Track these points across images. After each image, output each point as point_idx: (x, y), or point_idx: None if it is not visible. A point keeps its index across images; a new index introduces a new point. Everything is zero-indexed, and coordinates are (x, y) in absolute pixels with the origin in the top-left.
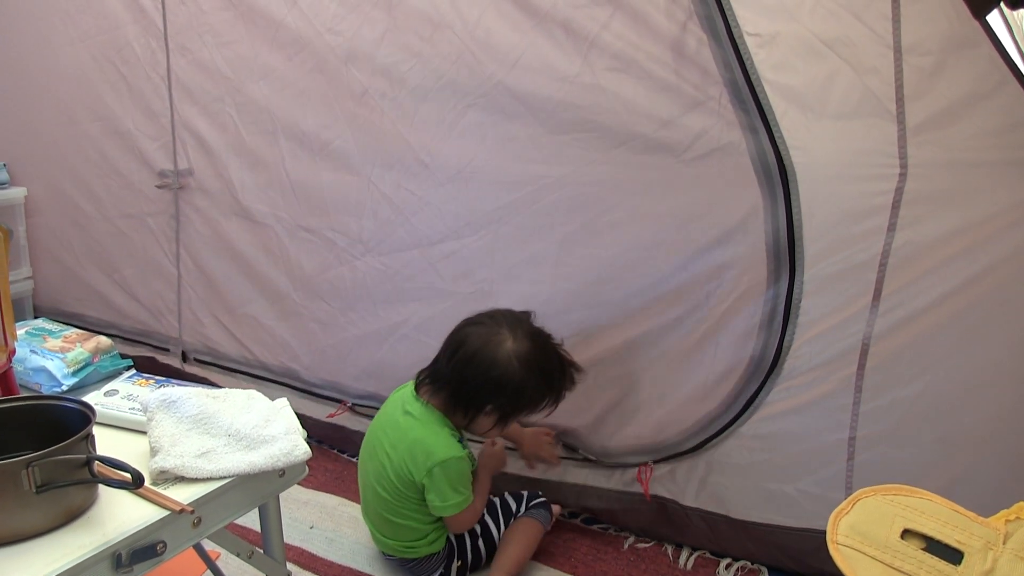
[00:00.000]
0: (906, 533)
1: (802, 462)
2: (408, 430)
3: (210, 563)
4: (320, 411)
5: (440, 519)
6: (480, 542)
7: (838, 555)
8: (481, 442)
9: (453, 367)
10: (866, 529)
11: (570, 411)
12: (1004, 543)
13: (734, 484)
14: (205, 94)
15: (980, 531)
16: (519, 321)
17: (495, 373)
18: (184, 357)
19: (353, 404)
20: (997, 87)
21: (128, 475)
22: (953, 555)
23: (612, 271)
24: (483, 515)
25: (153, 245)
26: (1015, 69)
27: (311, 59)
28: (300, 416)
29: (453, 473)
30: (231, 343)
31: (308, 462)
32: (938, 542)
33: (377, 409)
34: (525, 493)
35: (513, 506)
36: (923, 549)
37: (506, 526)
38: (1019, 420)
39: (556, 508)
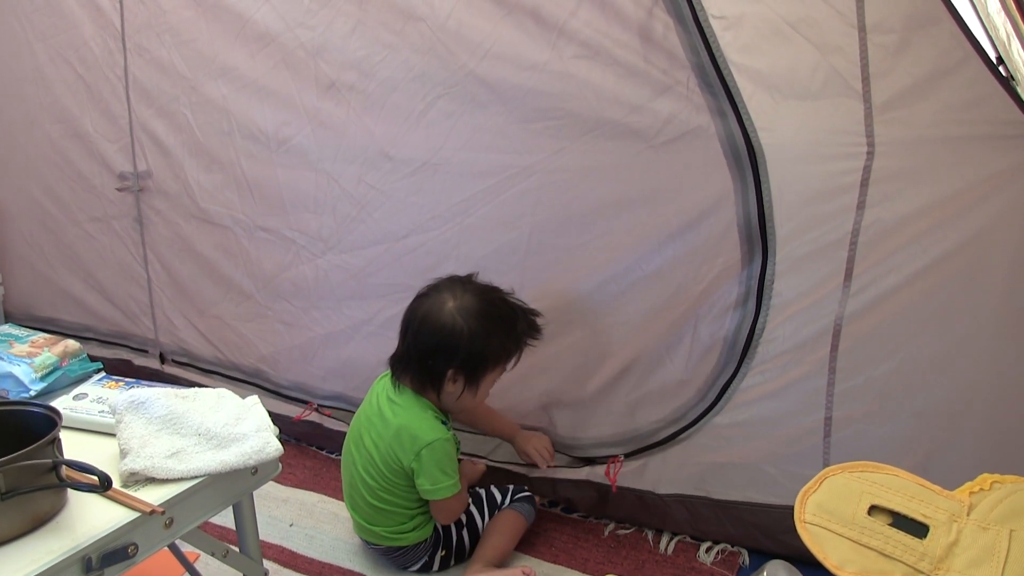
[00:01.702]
0: (873, 509)
1: (779, 444)
2: (392, 417)
3: (187, 564)
4: (291, 412)
5: (426, 503)
6: (464, 532)
7: (806, 534)
8: (468, 431)
9: (408, 345)
10: (833, 507)
11: (544, 399)
12: (968, 515)
13: (712, 468)
14: (162, 94)
15: (945, 504)
16: (462, 282)
17: (443, 334)
18: (162, 359)
19: (319, 406)
20: (960, 63)
21: (95, 478)
22: (919, 529)
23: (584, 259)
24: (468, 505)
25: (121, 248)
26: (977, 44)
27: (277, 54)
28: (272, 416)
29: (440, 455)
30: (203, 345)
31: (286, 460)
32: (904, 517)
33: (343, 410)
34: (511, 486)
35: (498, 498)
36: (890, 524)
37: (491, 517)
38: (992, 393)
39: (537, 499)
